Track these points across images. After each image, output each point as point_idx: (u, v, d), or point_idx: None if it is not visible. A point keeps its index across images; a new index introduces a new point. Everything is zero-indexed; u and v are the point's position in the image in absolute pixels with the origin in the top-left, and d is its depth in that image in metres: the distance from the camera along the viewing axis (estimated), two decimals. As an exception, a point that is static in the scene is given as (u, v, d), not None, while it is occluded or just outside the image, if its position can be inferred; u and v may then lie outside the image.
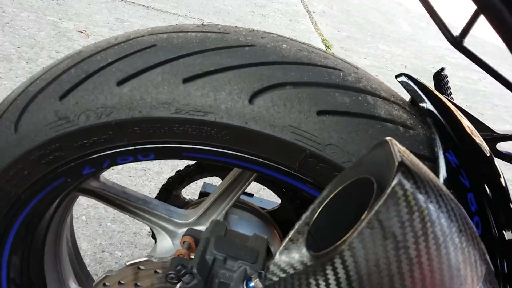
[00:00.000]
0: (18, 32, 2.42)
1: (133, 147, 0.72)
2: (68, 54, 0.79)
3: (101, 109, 0.68)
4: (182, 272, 0.66)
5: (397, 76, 0.74)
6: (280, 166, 0.69)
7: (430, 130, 0.71)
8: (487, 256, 0.44)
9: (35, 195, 0.79)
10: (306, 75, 0.69)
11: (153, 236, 1.03)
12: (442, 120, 0.70)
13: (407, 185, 0.40)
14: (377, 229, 0.39)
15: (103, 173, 0.94)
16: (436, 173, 0.67)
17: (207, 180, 1.77)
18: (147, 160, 0.74)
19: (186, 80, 0.67)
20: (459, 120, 0.71)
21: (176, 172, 1.14)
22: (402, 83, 0.73)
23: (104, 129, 0.69)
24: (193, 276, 0.65)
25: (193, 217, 0.92)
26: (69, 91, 0.71)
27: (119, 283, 0.81)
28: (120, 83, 0.68)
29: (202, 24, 0.79)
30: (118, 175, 1.93)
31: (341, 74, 0.71)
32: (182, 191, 1.16)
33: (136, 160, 0.74)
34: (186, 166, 1.13)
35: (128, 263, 0.79)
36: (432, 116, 0.71)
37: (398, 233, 0.39)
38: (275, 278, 0.45)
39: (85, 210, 1.76)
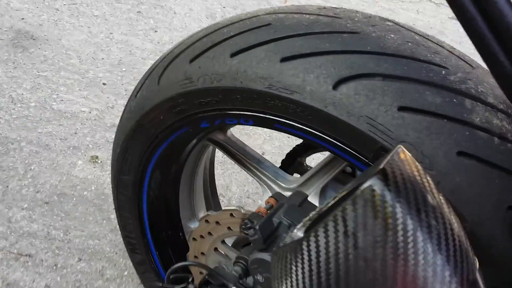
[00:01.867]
0: (228, -5, 2.72)
1: (237, 112, 0.82)
2: (210, 24, 0.92)
3: (214, 75, 0.80)
4: (248, 226, 0.75)
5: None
6: (357, 154, 0.71)
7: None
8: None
9: (168, 136, 0.97)
10: (401, 68, 0.67)
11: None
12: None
13: (379, 190, 0.40)
14: (340, 225, 0.41)
15: (230, 129, 1.08)
16: (525, 197, 0.60)
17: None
18: (248, 125, 0.84)
19: (283, 60, 0.73)
20: None
21: (303, 142, 1.21)
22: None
23: (215, 92, 0.81)
24: (255, 232, 0.74)
25: (295, 184, 0.99)
26: (197, 56, 0.84)
27: (217, 223, 0.95)
28: (233, 55, 0.78)
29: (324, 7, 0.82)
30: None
31: (443, 72, 0.67)
32: (307, 159, 1.24)
33: (239, 123, 0.84)
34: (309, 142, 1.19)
35: (223, 208, 0.92)
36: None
37: (359, 234, 0.40)
38: (283, 244, 0.50)
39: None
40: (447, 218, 0.42)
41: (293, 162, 1.23)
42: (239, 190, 1.89)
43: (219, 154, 1.98)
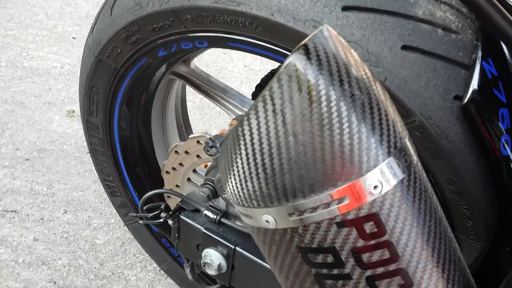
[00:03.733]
0: None
1: (190, 34, 0.81)
2: None
3: (162, -3, 0.78)
4: (210, 145, 0.76)
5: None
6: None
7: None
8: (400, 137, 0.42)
9: (130, 70, 0.96)
10: (343, -32, 0.66)
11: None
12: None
13: (301, 65, 0.40)
14: (269, 104, 0.42)
15: (193, 60, 1.07)
16: (468, 82, 0.61)
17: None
18: (204, 47, 0.83)
19: (227, -29, 0.71)
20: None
21: (270, 71, 1.21)
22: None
23: (165, 15, 0.79)
24: (217, 150, 0.75)
25: (260, 109, 1.00)
26: (145, -20, 0.82)
27: (186, 152, 0.97)
28: (179, -28, 0.77)
29: None
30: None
31: (386, -32, 0.66)
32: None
33: (195, 47, 0.84)
34: (279, 66, 1.18)
35: (190, 136, 0.93)
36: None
37: (286, 110, 0.41)
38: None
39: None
40: (372, 90, 0.42)
41: (262, 92, 1.23)
42: (215, 131, 1.90)
43: (197, 100, 1.98)
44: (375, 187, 0.42)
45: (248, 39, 0.75)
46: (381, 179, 0.42)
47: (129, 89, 1.02)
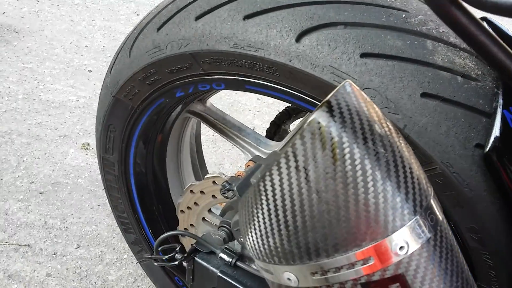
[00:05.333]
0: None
1: (208, 76, 0.82)
2: (176, -8, 0.91)
3: (181, 40, 0.79)
4: (226, 188, 0.75)
5: (474, 20, 0.66)
6: (325, 106, 0.71)
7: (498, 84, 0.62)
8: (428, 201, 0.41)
9: (147, 109, 0.97)
10: (361, 15, 0.67)
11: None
12: (513, 73, 0.60)
13: (324, 122, 0.40)
14: (291, 160, 0.41)
15: (209, 99, 1.08)
16: (489, 130, 0.60)
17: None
18: (220, 89, 0.84)
19: (246, 17, 0.72)
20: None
21: (285, 108, 1.21)
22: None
23: (183, 58, 0.80)
24: (234, 193, 0.75)
25: (275, 149, 0.99)
26: (163, 24, 0.83)
27: (201, 192, 0.96)
28: (198, 18, 0.78)
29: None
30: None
31: (404, 15, 0.67)
32: (291, 126, 1.24)
33: (212, 88, 0.84)
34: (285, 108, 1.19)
35: (206, 176, 0.93)
36: (504, 68, 0.62)
37: (309, 167, 0.40)
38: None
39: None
40: (396, 146, 0.42)
41: (277, 130, 1.23)
42: (232, 167, 1.90)
43: (210, 133, 1.99)
44: (401, 247, 0.41)
45: (265, 83, 0.75)
46: (407, 239, 0.41)
47: (145, 127, 1.02)
